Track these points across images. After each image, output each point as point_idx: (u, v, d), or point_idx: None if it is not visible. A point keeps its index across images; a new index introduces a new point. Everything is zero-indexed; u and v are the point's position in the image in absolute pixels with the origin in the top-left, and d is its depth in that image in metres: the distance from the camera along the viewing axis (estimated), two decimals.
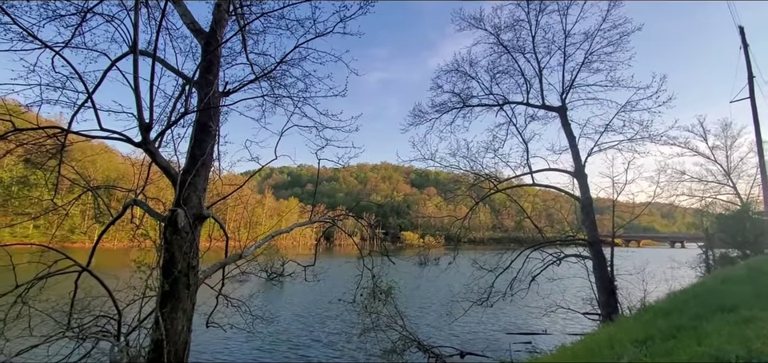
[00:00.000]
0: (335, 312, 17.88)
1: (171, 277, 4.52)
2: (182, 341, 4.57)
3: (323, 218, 8.21)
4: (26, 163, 6.93)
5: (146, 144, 4.95)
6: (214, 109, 6.03)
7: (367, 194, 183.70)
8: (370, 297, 8.32)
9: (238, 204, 9.68)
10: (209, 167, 5.63)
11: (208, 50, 6.82)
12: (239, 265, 7.17)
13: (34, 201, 11.34)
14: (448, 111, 15.28)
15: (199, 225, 5.21)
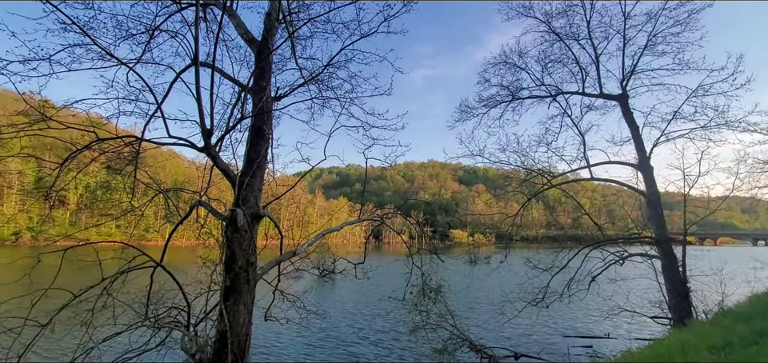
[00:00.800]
0: (383, 309, 18.07)
1: (232, 272, 4.84)
2: (244, 332, 4.87)
3: (372, 217, 8.33)
4: (108, 169, 7.73)
5: (207, 149, 5.32)
6: (267, 114, 6.34)
7: (415, 192, 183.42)
8: (419, 295, 8.30)
9: (291, 203, 10.10)
10: (264, 169, 5.93)
11: (260, 58, 7.18)
12: (293, 262, 7.49)
13: (115, 203, 12.59)
14: (496, 105, 14.80)
15: (256, 224, 5.51)
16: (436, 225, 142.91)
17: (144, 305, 6.04)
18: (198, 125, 5.61)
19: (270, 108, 6.66)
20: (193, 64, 6.64)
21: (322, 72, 8.00)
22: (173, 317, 5.42)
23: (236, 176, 5.58)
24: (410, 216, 10.23)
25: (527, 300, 12.20)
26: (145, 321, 5.59)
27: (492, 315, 16.87)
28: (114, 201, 12.81)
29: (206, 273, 5.56)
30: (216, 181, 8.15)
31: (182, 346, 4.92)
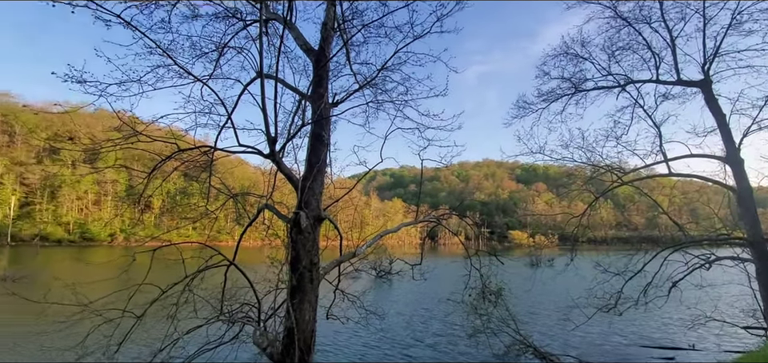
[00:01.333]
0: (440, 312, 17.85)
1: (297, 272, 5.10)
2: (309, 329, 5.11)
3: (429, 218, 8.29)
4: (185, 177, 8.52)
5: (273, 155, 5.65)
6: (325, 120, 6.58)
7: (470, 193, 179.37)
8: (478, 297, 8.10)
9: (348, 206, 10.38)
10: (324, 173, 6.17)
11: (318, 66, 7.47)
12: (352, 263, 7.68)
13: (192, 207, 13.75)
14: (557, 99, 13.97)
15: (318, 226, 5.75)
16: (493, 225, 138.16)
17: (219, 300, 6.57)
18: (264, 133, 5.98)
19: (328, 114, 6.91)
20: (258, 76, 7.11)
21: (376, 76, 8.14)
22: (244, 312, 5.83)
23: (298, 180, 5.87)
24: (465, 216, 10.01)
25: (597, 306, 11.35)
26: (220, 315, 6.06)
27: (557, 321, 15.96)
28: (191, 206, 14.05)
29: (273, 272, 5.90)
30: (279, 185, 8.62)
31: (253, 340, 5.28)
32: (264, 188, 8.40)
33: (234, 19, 8.07)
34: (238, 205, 8.07)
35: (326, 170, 6.60)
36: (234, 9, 7.92)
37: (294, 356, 4.65)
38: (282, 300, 5.69)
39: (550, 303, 20.58)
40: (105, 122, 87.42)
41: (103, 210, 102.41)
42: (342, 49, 8.58)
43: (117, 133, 7.12)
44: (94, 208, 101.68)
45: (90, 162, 30.54)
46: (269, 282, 6.36)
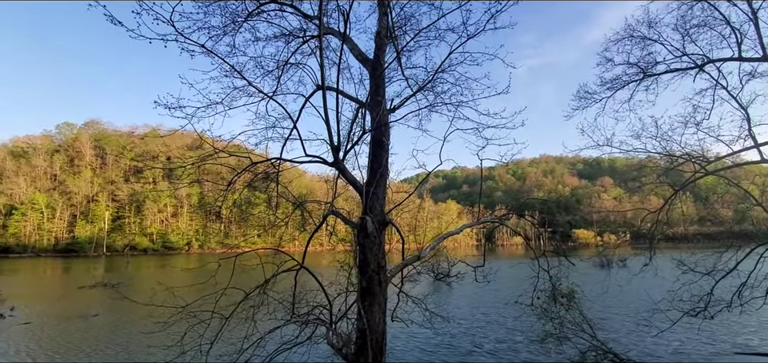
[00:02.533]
0: (501, 317, 17.28)
1: (366, 275, 5.28)
2: (380, 331, 5.25)
3: (492, 219, 8.12)
4: (248, 187, 9.13)
5: (337, 163, 5.91)
6: (384, 126, 6.74)
7: (527, 191, 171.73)
8: (548, 300, 7.74)
9: (405, 209, 10.48)
10: (386, 178, 6.32)
11: (374, 75, 7.68)
12: (415, 266, 7.74)
13: (257, 216, 14.42)
14: (623, 86, 12.92)
15: (383, 230, 5.90)
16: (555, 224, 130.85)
17: (290, 303, 6.97)
18: (326, 142, 6.29)
19: (386, 120, 7.07)
20: (318, 89, 7.47)
21: (431, 80, 8.19)
22: (316, 315, 6.13)
23: (362, 186, 6.07)
24: (524, 216, 9.66)
25: (683, 309, 10.31)
26: (293, 317, 6.42)
27: (636, 327, 14.74)
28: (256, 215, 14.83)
29: (343, 275, 6.15)
30: (339, 191, 8.95)
31: (327, 341, 5.54)
32: (326, 195, 8.78)
33: (291, 37, 8.58)
34: (302, 213, 8.52)
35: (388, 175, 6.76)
36: (294, 29, 8.41)
37: (368, 356, 4.81)
38: (352, 302, 5.91)
39: (626, 307, 19.06)
40: (179, 142, 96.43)
41: (180, 221, 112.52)
42: (395, 56, 8.78)
43: (192, 151, 7.90)
44: (173, 219, 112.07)
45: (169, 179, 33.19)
46: (335, 285, 6.63)
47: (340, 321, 6.05)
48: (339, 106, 6.41)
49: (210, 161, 7.17)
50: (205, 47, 5.41)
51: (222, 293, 5.51)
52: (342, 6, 8.19)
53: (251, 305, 6.30)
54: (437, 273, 29.82)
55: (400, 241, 7.70)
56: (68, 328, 16.55)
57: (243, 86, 7.70)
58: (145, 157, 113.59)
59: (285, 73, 8.79)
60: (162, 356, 5.68)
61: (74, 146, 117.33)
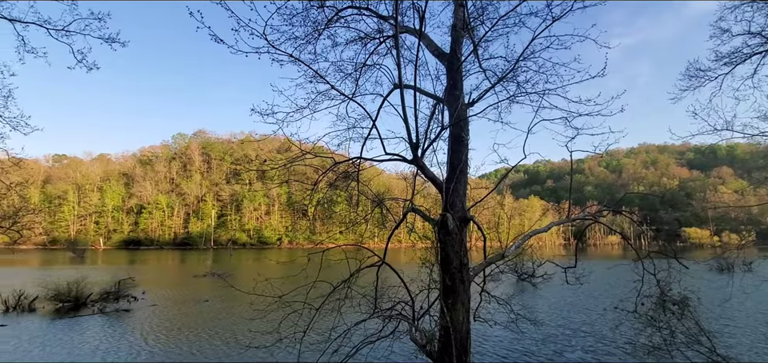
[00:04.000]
0: (594, 323, 15.71)
1: (449, 273, 5.21)
2: (464, 330, 5.16)
3: (583, 216, 7.43)
4: (330, 186, 9.59)
5: (416, 160, 5.92)
6: (463, 121, 6.58)
7: (624, 184, 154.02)
8: (656, 308, 6.83)
9: (485, 207, 10.10)
10: (465, 174, 6.17)
11: (451, 69, 7.53)
12: (498, 264, 7.43)
13: (340, 213, 15.16)
14: (746, 59, 10.83)
15: (465, 227, 5.77)
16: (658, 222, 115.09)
17: (373, 297, 7.19)
18: (406, 140, 6.33)
19: (465, 115, 6.89)
20: (396, 87, 7.57)
21: (512, 69, 7.77)
22: (399, 310, 6.23)
23: (441, 183, 6.01)
24: (621, 212, 8.64)
25: None
26: (376, 311, 6.60)
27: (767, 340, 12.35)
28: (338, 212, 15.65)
29: (424, 272, 6.16)
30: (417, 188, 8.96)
31: (411, 337, 5.60)
32: (404, 192, 8.86)
33: (368, 39, 8.80)
34: (382, 210, 8.72)
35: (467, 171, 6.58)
36: (370, 30, 8.63)
37: (451, 355, 4.75)
38: (434, 299, 5.89)
39: (754, 317, 16.04)
40: (270, 145, 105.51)
41: (272, 219, 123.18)
42: (471, 49, 8.50)
43: (281, 154, 8.56)
44: (266, 217, 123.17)
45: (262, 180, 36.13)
46: (416, 282, 6.67)
47: (422, 317, 6.06)
48: (417, 104, 6.42)
49: (297, 163, 7.71)
50: (292, 56, 5.83)
51: (312, 285, 5.89)
52: (417, 4, 8.18)
53: (337, 298, 6.63)
54: (521, 272, 28.28)
55: (481, 238, 7.46)
56: (185, 311, 19.18)
57: (325, 90, 8.13)
58: (242, 161, 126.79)
59: (363, 74, 9.08)
60: (263, 340, 6.28)
61: (186, 153, 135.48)
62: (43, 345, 12.94)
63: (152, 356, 11.69)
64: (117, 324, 16.21)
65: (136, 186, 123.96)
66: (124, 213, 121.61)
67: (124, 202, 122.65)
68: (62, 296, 19.08)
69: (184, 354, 11.68)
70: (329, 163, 7.69)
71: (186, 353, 11.74)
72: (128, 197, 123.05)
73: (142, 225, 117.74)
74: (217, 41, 5.58)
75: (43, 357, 11.68)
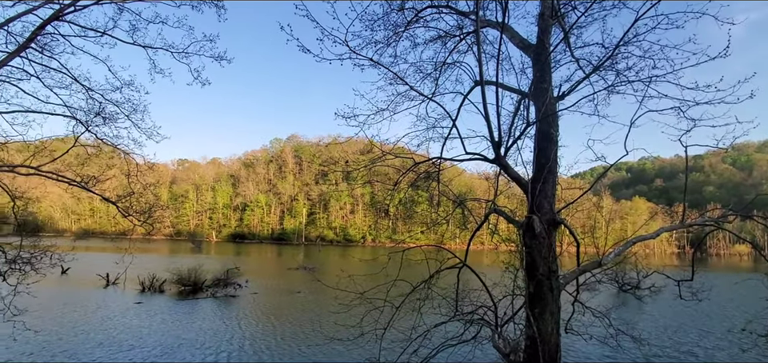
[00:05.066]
0: (714, 346, 13.28)
1: (535, 279, 4.87)
2: (553, 342, 4.78)
3: (703, 221, 6.35)
4: (412, 186, 9.62)
5: (498, 159, 5.66)
6: (552, 116, 6.10)
7: (755, 184, 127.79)
8: None
9: (578, 209, 9.24)
10: (555, 173, 5.71)
11: (538, 61, 7.03)
12: (594, 273, 6.75)
13: (421, 213, 15.07)
14: None
15: (554, 231, 5.34)
16: None
17: (454, 299, 7.05)
18: (488, 139, 6.09)
19: (554, 109, 6.39)
20: (477, 84, 7.34)
21: (610, 55, 6.96)
22: (480, 315, 6.03)
23: (527, 183, 5.65)
24: (752, 217, 7.14)
25: None
26: (456, 314, 6.47)
27: None
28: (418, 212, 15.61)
29: (508, 277, 5.87)
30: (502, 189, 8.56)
31: (493, 344, 5.38)
32: (486, 193, 8.53)
33: (448, 37, 8.66)
34: (463, 211, 8.50)
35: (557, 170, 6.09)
36: (450, 28, 8.49)
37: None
38: (519, 307, 5.57)
39: None
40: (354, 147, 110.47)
41: (356, 217, 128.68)
42: (562, 37, 7.82)
43: (364, 155, 8.87)
44: (351, 216, 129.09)
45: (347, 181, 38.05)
46: (500, 286, 6.36)
47: (506, 324, 5.77)
48: (499, 100, 6.14)
49: (378, 164, 7.93)
50: (372, 59, 6.01)
51: (392, 283, 6.00)
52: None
53: (417, 298, 6.65)
54: (622, 283, 25.21)
55: (574, 243, 6.83)
56: (281, 300, 21.03)
57: (405, 91, 8.20)
58: (328, 163, 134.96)
59: (443, 73, 8.97)
60: (346, 333, 6.58)
61: (281, 157, 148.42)
62: (171, 321, 15.29)
63: (253, 340, 13.05)
64: (226, 307, 18.45)
65: (241, 186, 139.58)
66: (231, 210, 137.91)
67: (231, 200, 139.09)
68: (183, 280, 22.33)
69: (278, 341, 12.82)
70: (409, 163, 7.76)
71: (279, 340, 12.88)
72: (235, 196, 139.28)
73: (245, 220, 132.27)
74: (304, 51, 6.01)
75: (171, 331, 13.79)
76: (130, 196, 13.64)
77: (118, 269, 23.09)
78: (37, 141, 13.48)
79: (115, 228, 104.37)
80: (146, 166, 14.44)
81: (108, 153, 14.86)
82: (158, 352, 11.50)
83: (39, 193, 18.89)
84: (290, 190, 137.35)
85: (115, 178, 14.00)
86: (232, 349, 12.00)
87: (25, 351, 10.92)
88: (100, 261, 32.39)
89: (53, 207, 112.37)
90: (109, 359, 10.83)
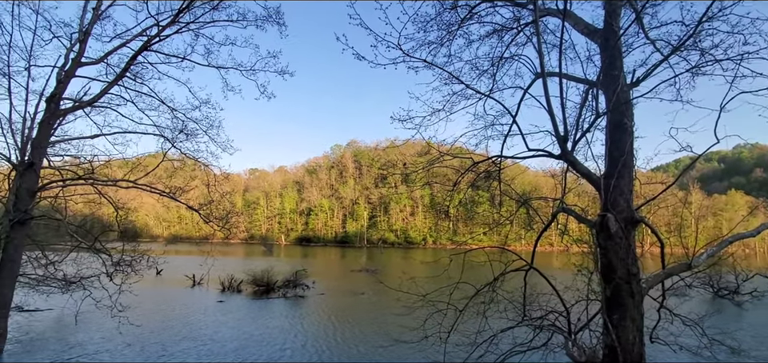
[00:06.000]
0: None
1: (612, 283, 4.49)
2: (636, 352, 4.36)
3: None
4: (472, 187, 9.37)
5: (565, 155, 5.33)
6: (625, 105, 5.61)
7: None
8: None
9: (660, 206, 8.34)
10: (631, 167, 5.23)
11: (606, 47, 6.51)
12: (683, 277, 6.05)
13: (482, 214, 14.66)
14: None
15: (632, 230, 4.89)
16: None
17: (520, 303, 6.75)
18: (552, 133, 5.76)
19: (627, 97, 5.87)
20: (537, 77, 6.99)
21: (693, 33, 6.23)
22: (551, 320, 5.70)
23: (599, 178, 5.24)
24: None
25: None
26: (524, 319, 6.18)
27: None
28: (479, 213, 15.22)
29: (580, 280, 5.49)
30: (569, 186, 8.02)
31: (566, 352, 5.05)
32: (552, 191, 8.05)
33: (504, 30, 8.35)
34: (528, 211, 8.11)
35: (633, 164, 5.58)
36: (506, 21, 8.19)
37: None
38: (594, 312, 5.16)
39: None
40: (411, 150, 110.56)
41: (417, 219, 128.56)
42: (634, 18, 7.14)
43: (421, 157, 8.84)
44: (411, 218, 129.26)
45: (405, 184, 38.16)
46: (572, 290, 5.96)
47: (581, 332, 5.38)
48: (564, 92, 5.78)
49: (436, 165, 7.87)
50: (426, 61, 6.03)
51: (455, 286, 5.92)
52: None
53: (481, 301, 6.48)
54: (718, 288, 22.22)
55: (657, 244, 6.18)
56: (346, 301, 21.70)
57: (461, 90, 8.06)
58: (387, 166, 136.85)
59: (500, 69, 8.68)
60: (410, 335, 6.62)
61: (342, 162, 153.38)
62: (250, 319, 16.53)
63: (322, 339, 13.62)
64: (296, 307, 19.49)
65: (305, 192, 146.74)
66: (298, 214, 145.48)
67: (297, 206, 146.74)
68: (257, 281, 23.99)
69: (345, 340, 13.25)
70: (467, 163, 7.60)
71: (346, 339, 13.31)
72: (300, 201, 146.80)
73: (310, 224, 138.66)
74: (359, 58, 6.19)
75: (252, 328, 14.90)
76: (211, 204, 15.01)
77: (202, 271, 25.57)
78: (133, 158, 15.43)
79: (199, 233, 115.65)
80: (223, 176, 15.81)
81: (191, 166, 16.55)
82: (233, 346, 12.52)
83: (136, 204, 21.57)
84: (350, 194, 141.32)
85: (197, 188, 15.53)
86: (303, 346, 12.64)
87: (127, 342, 12.50)
88: (187, 263, 35.99)
89: (148, 216, 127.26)
90: (192, 349, 12.01)
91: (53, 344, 12.38)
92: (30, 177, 10.49)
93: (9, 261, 9.94)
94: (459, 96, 8.25)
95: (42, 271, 15.19)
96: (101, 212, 16.43)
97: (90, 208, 15.90)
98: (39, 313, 16.23)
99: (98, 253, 11.71)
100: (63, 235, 13.74)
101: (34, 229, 12.35)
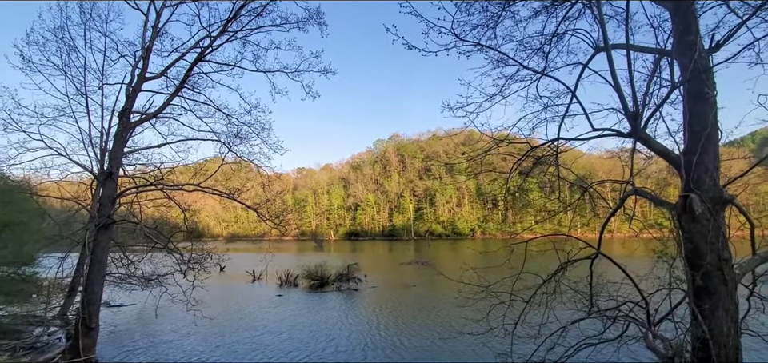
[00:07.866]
0: None
1: (701, 270, 4.08)
2: (732, 345, 3.94)
3: None
4: (523, 174, 8.93)
5: (635, 132, 4.93)
6: (705, 73, 5.05)
7: None
8: None
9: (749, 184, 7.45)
10: (715, 141, 4.70)
11: (679, 10, 5.90)
12: None
13: (533, 202, 14.02)
14: None
15: (721, 211, 4.41)
16: None
17: (586, 293, 6.37)
18: (618, 111, 5.36)
19: (706, 65, 5.28)
20: (598, 51, 6.50)
21: None
22: (625, 311, 5.32)
23: (678, 156, 4.78)
24: None
25: None
26: (594, 310, 5.84)
27: None
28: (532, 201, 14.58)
29: (660, 267, 5.06)
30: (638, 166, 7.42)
31: (647, 345, 4.69)
32: (611, 174, 7.50)
33: (557, 2, 7.83)
34: (591, 196, 7.62)
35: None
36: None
37: None
38: (678, 302, 4.74)
39: None
40: (455, 139, 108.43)
41: (464, 210, 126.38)
42: None
43: (465, 146, 8.58)
44: (458, 209, 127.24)
45: (450, 174, 37.38)
46: (645, 278, 5.50)
47: (661, 323, 4.97)
48: (631, 64, 5.33)
49: (488, 153, 7.62)
50: (479, 43, 5.81)
51: (517, 276, 5.71)
52: None
53: (544, 292, 6.20)
54: None
55: (746, 226, 5.53)
56: (398, 293, 21.86)
57: (513, 73, 7.71)
58: (430, 157, 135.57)
59: (554, 47, 8.18)
60: (473, 328, 6.50)
61: (385, 156, 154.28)
62: (307, 312, 17.20)
63: (380, 330, 13.83)
64: (351, 300, 19.97)
65: (351, 188, 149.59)
66: (345, 210, 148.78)
67: (344, 201, 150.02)
68: (312, 276, 24.86)
69: (405, 332, 13.38)
70: (519, 150, 7.27)
71: (406, 331, 13.43)
72: (346, 197, 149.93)
73: (358, 219, 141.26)
74: (409, 47, 6.12)
75: (311, 320, 15.50)
76: (266, 203, 15.74)
77: (260, 267, 27.00)
78: (195, 164, 16.57)
79: (255, 231, 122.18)
80: (275, 177, 16.50)
81: (245, 168, 17.49)
82: (285, 335, 13.17)
83: (199, 206, 23.28)
84: (395, 188, 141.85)
85: (252, 189, 16.36)
86: (365, 338, 12.93)
87: (202, 332, 13.51)
88: (246, 260, 38.16)
89: (209, 217, 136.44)
90: (251, 339, 12.77)
91: (139, 336, 13.68)
92: (110, 185, 11.60)
93: (97, 262, 11.09)
94: (511, 79, 7.88)
95: (124, 270, 16.82)
96: (169, 215, 17.89)
97: (159, 212, 17.37)
98: (124, 307, 18.03)
99: (171, 252, 12.76)
100: (138, 237, 15.14)
101: (115, 232, 13.69)
